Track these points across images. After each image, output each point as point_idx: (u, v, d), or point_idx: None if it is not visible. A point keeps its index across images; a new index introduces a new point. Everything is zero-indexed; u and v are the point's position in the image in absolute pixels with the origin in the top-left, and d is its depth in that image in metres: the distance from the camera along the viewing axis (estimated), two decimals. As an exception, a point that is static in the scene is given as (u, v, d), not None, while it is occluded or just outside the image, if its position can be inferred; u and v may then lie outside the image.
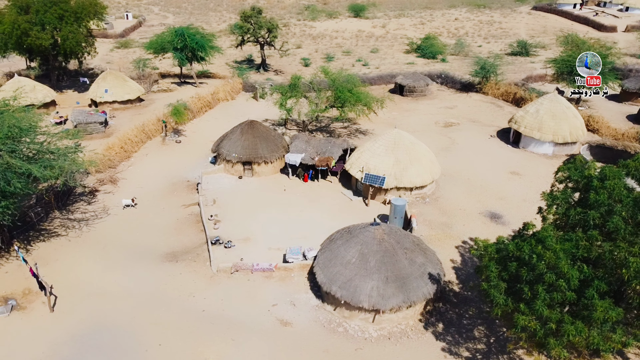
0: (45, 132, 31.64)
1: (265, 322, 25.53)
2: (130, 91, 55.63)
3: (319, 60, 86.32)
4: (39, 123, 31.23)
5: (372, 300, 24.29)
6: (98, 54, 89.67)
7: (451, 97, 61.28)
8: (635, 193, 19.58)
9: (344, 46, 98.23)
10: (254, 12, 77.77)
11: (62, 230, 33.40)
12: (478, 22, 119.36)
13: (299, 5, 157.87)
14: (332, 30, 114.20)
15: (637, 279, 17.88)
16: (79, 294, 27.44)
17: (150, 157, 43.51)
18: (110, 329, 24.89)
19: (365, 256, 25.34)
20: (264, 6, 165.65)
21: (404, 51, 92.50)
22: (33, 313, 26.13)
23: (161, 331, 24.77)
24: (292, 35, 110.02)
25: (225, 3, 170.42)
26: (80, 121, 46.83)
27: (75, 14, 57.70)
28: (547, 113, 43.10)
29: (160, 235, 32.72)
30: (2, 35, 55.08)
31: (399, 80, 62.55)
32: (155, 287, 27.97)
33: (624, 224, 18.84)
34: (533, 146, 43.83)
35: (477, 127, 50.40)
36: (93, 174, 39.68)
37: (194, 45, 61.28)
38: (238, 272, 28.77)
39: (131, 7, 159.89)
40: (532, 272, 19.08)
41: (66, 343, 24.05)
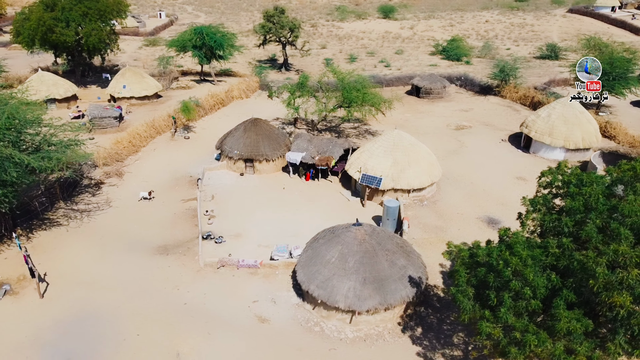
0: (49, 124, 32.73)
1: (244, 318, 25.67)
2: (147, 87, 56.90)
3: (341, 61, 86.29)
4: (43, 116, 32.25)
5: (348, 301, 24.09)
6: (126, 52, 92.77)
7: (468, 100, 60.16)
8: (614, 201, 18.73)
9: (369, 47, 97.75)
10: (277, 12, 78.24)
11: (64, 220, 34.44)
12: (509, 25, 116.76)
13: (330, 6, 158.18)
14: (359, 31, 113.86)
15: (606, 291, 17.13)
16: (69, 282, 28.24)
17: (158, 152, 44.41)
18: (94, 317, 25.51)
19: (344, 256, 25.17)
20: (296, 7, 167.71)
21: (429, 53, 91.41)
22: (24, 298, 27.03)
23: (141, 322, 25.23)
24: (319, 36, 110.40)
25: (257, 3, 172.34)
26: (95, 115, 48.22)
27: (99, 12, 59.34)
28: (559, 118, 41.79)
29: (155, 228, 33.33)
30: (30, 31, 57.26)
31: (416, 81, 61.83)
32: (143, 278, 28.49)
33: (597, 232, 18.07)
34: (543, 151, 42.57)
35: (489, 130, 49.31)
36: (100, 167, 40.77)
37: (213, 43, 62.26)
38: (224, 268, 29.04)
39: (166, 6, 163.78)
40: (499, 278, 18.55)
41: (50, 328, 24.79)
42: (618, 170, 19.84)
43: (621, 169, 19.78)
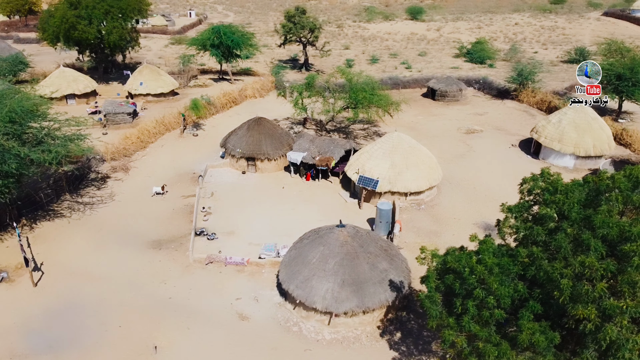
0: (53, 119, 33.80)
1: (225, 315, 25.90)
2: (163, 85, 57.99)
3: (363, 62, 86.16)
4: (50, 110, 33.33)
5: (326, 303, 24.01)
6: (152, 50, 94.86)
7: (484, 104, 59.03)
8: (589, 210, 18.07)
9: (393, 49, 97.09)
10: (298, 12, 78.50)
11: (67, 212, 35.48)
12: (539, 28, 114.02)
13: (359, 7, 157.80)
14: (385, 33, 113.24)
15: (572, 303, 16.58)
16: (63, 272, 29.10)
17: (165, 148, 45.23)
18: (81, 307, 26.22)
19: (325, 257, 25.10)
20: (326, 7, 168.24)
21: (453, 55, 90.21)
22: (19, 286, 27.98)
23: (125, 313, 25.77)
24: (344, 37, 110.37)
25: (288, 3, 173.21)
26: (109, 111, 49.46)
27: (121, 10, 60.85)
28: (569, 124, 40.57)
29: (152, 223, 33.95)
30: (54, 28, 59.20)
31: (431, 84, 61.05)
32: (134, 271, 29.09)
33: (568, 242, 17.49)
34: (553, 158, 41.40)
35: (500, 135, 48.27)
36: (108, 161, 41.79)
37: (230, 42, 62.95)
38: (212, 264, 29.38)
39: (197, 5, 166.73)
40: (465, 285, 18.19)
41: (38, 316, 25.61)
42: (597, 179, 19.18)
43: (600, 177, 19.11)
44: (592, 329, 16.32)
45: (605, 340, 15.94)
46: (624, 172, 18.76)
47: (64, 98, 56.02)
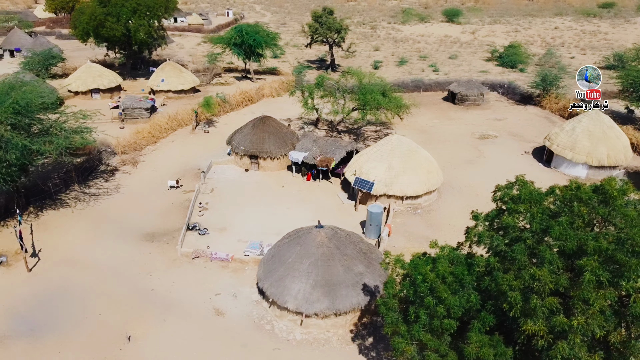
0: (61, 111, 35.13)
1: (202, 309, 26.21)
2: (184, 82, 59.24)
3: (391, 63, 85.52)
4: (55, 103, 34.62)
5: (297, 302, 23.97)
6: (185, 47, 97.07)
7: (505, 109, 57.41)
8: (551, 221, 17.29)
9: (424, 51, 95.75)
10: (325, 13, 78.56)
11: (73, 202, 36.75)
12: (580, 32, 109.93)
13: (397, 9, 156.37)
14: (418, 35, 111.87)
15: (523, 317, 15.94)
16: (58, 259, 30.18)
17: (175, 144, 46.19)
18: (68, 294, 27.12)
19: (301, 257, 25.04)
20: (364, 8, 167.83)
21: (484, 59, 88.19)
22: (14, 270, 29.18)
23: (107, 303, 26.48)
24: (376, 38, 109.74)
25: (326, 3, 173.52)
26: (127, 106, 50.96)
27: (148, 8, 62.54)
28: (583, 132, 38.92)
29: (150, 216, 34.74)
30: (84, 24, 61.46)
31: (452, 87, 59.86)
32: (123, 262, 29.84)
33: (525, 253, 16.80)
34: (565, 167, 39.84)
35: (515, 142, 46.83)
36: (119, 155, 43.04)
37: (251, 42, 63.66)
38: (198, 259, 29.80)
39: (237, 5, 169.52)
40: (419, 293, 17.78)
41: (25, 301, 26.65)
42: (563, 189, 18.39)
43: (568, 187, 18.31)
44: (544, 345, 15.69)
45: (557, 358, 15.28)
46: (590, 185, 17.90)
47: (89, 92, 58.07)
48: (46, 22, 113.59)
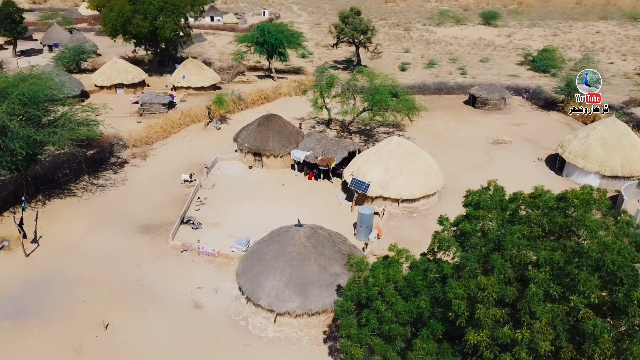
0: (70, 103, 36.37)
1: (182, 302, 26.56)
2: (204, 79, 60.26)
3: (419, 66, 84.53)
4: (63, 96, 35.91)
5: (269, 300, 23.97)
6: (216, 45, 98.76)
7: (527, 114, 55.63)
8: (504, 229, 16.62)
9: (455, 53, 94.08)
10: (352, 13, 78.27)
11: (80, 192, 37.98)
12: (623, 37, 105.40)
13: (436, 10, 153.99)
14: (451, 37, 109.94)
15: (469, 327, 15.40)
16: (56, 246, 31.25)
17: (186, 139, 47.04)
18: (58, 280, 28.02)
19: (277, 255, 25.03)
20: (402, 9, 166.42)
21: (517, 63, 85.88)
22: (14, 255, 30.38)
23: (93, 290, 27.22)
24: (409, 40, 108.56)
25: (364, 5, 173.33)
26: (145, 101, 52.28)
27: (174, 6, 63.95)
28: (597, 140, 37.26)
29: (150, 208, 35.49)
30: (112, 21, 63.48)
31: (473, 91, 58.50)
32: (115, 252, 30.60)
33: (476, 261, 16.22)
34: (576, 175, 38.25)
35: (530, 148, 45.32)
36: (130, 148, 44.19)
37: (273, 41, 64.12)
38: (187, 252, 30.23)
39: (275, 5, 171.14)
40: (370, 296, 17.49)
41: (18, 284, 27.69)
42: (524, 195, 17.70)
43: (532, 194, 17.60)
44: (490, 357, 15.12)
45: (504, 372, 14.71)
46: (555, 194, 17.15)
47: (113, 87, 59.90)
48: (88, 19, 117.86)
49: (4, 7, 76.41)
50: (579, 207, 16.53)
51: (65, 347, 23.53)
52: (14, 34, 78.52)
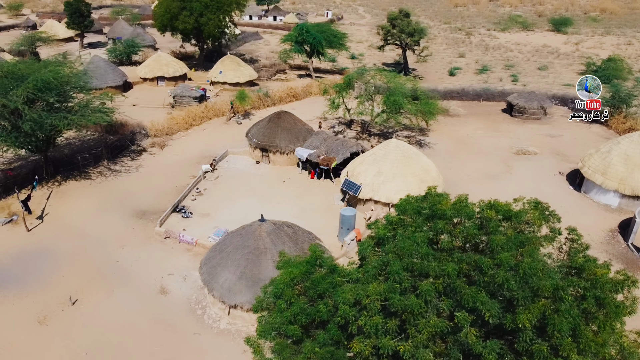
0: (87, 91, 38.56)
1: (150, 286, 27.36)
2: (240, 75, 61.65)
3: (470, 71, 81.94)
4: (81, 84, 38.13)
5: (222, 292, 24.16)
6: (270, 44, 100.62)
7: (567, 125, 52.08)
8: (410, 236, 15.69)
9: (513, 60, 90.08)
10: (400, 15, 76.93)
11: (95, 176, 40.11)
12: None
13: (507, 16, 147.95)
14: (514, 43, 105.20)
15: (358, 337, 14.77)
16: (56, 224, 33.24)
17: (206, 132, 48.34)
18: (47, 255, 29.79)
19: (236, 249, 25.17)
20: (472, 14, 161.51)
21: (579, 72, 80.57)
22: (18, 229, 32.61)
23: (74, 267, 28.70)
24: (468, 44, 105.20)
25: (432, 9, 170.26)
26: (177, 94, 54.34)
27: (219, 4, 65.92)
28: (619, 155, 34.22)
29: (150, 195, 36.82)
30: (161, 17, 66.52)
31: (511, 99, 55.64)
32: (106, 234, 32.03)
33: (376, 267, 15.49)
34: (595, 193, 35.35)
35: (555, 161, 42.42)
36: (152, 137, 46.08)
37: (311, 40, 64.40)
38: (169, 239, 31.10)
39: (341, 7, 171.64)
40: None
41: (11, 256, 29.69)
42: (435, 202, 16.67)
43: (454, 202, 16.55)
44: (379, 369, 14.44)
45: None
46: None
47: (155, 79, 62.73)
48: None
49: (74, 1, 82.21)
50: (491, 220, 15.37)
51: (32, 317, 24.96)
52: (81, 27, 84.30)
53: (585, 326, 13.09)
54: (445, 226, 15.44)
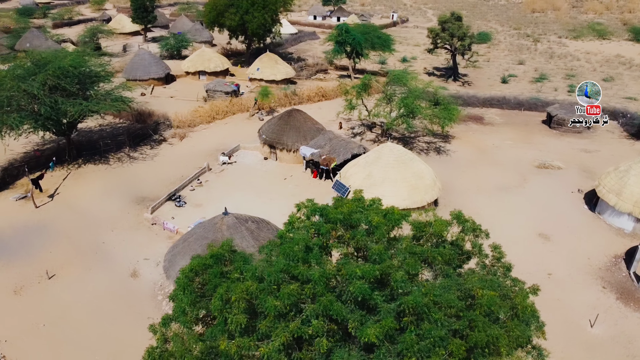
0: (108, 79, 40.72)
1: (124, 269, 28.43)
2: (277, 72, 62.43)
3: (525, 79, 77.99)
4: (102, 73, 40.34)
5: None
6: (324, 45, 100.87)
7: (609, 141, 48.12)
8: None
9: (578, 70, 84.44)
10: (451, 18, 74.59)
11: (113, 161, 42.26)
12: None
13: (586, 22, 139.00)
14: (583, 52, 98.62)
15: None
16: (62, 203, 35.44)
17: (227, 126, 49.39)
18: (45, 231, 31.84)
19: (197, 239, 25.62)
20: (549, 19, 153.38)
21: (649, 84, 74.31)
22: (28, 205, 35.07)
23: (63, 244, 30.48)
24: (532, 52, 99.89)
25: (506, 14, 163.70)
26: (209, 88, 56.01)
27: (264, 2, 67.11)
28: (637, 175, 31.15)
29: (155, 183, 38.20)
30: (208, 14, 68.82)
31: (551, 109, 52.22)
32: (103, 216, 33.68)
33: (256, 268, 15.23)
34: (609, 214, 32.41)
35: (579, 178, 39.28)
36: (174, 128, 47.82)
37: (351, 41, 63.96)
38: (155, 225, 32.17)
39: (410, 9, 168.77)
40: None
41: (15, 229, 32.01)
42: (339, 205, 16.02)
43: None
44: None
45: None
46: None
47: (197, 73, 65.01)
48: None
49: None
50: (377, 228, 14.59)
51: (10, 287, 26.79)
52: (144, 21, 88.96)
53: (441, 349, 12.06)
54: (331, 231, 14.84)
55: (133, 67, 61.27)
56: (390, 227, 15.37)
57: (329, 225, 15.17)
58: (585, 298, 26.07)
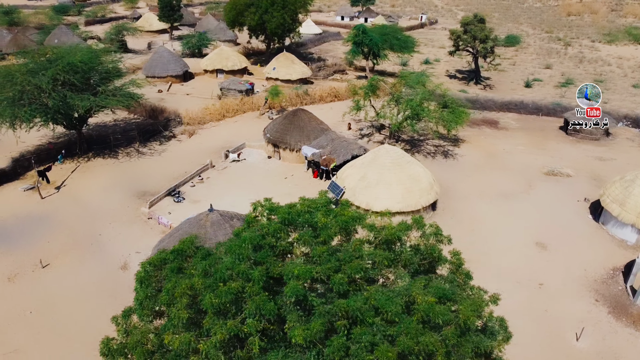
0: (118, 76, 41.65)
1: (115, 261, 29.02)
2: (292, 72, 62.62)
3: (550, 84, 76.10)
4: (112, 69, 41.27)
5: (159, 274, 24.96)
6: (348, 45, 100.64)
7: (628, 149, 46.29)
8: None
9: (608, 75, 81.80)
10: (474, 20, 73.42)
11: (122, 156, 43.20)
12: None
13: (622, 27, 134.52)
14: (615, 57, 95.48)
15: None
16: (68, 195, 36.46)
17: (237, 124, 49.80)
18: (46, 221, 32.82)
19: (183, 235, 25.80)
20: (585, 23, 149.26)
21: (682, 91, 71.43)
22: (35, 197, 36.17)
23: (61, 235, 31.33)
24: (562, 56, 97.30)
25: (540, 17, 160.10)
26: (224, 87, 56.63)
27: (284, 2, 67.45)
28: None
29: (158, 178, 38.83)
30: (229, 13, 69.61)
31: (568, 115, 50.59)
32: (104, 209, 34.44)
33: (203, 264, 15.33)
34: (612, 225, 31.22)
35: (588, 186, 37.98)
36: (185, 125, 48.53)
37: (368, 42, 63.61)
38: (151, 220, 32.71)
39: (442, 11, 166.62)
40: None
41: (19, 218, 33.13)
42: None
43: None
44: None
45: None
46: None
47: (215, 71, 65.82)
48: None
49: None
50: (323, 229, 14.47)
51: (4, 274, 27.70)
52: (170, 20, 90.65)
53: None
54: (279, 232, 14.78)
55: (152, 64, 62.52)
56: (337, 229, 15.19)
57: (277, 225, 15.11)
58: (575, 310, 25.19)
